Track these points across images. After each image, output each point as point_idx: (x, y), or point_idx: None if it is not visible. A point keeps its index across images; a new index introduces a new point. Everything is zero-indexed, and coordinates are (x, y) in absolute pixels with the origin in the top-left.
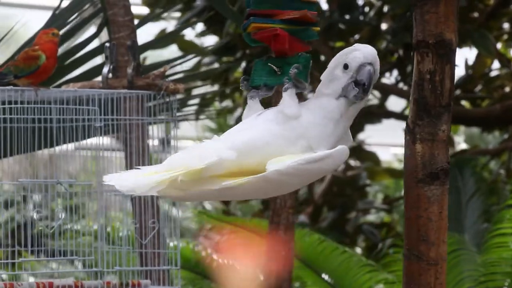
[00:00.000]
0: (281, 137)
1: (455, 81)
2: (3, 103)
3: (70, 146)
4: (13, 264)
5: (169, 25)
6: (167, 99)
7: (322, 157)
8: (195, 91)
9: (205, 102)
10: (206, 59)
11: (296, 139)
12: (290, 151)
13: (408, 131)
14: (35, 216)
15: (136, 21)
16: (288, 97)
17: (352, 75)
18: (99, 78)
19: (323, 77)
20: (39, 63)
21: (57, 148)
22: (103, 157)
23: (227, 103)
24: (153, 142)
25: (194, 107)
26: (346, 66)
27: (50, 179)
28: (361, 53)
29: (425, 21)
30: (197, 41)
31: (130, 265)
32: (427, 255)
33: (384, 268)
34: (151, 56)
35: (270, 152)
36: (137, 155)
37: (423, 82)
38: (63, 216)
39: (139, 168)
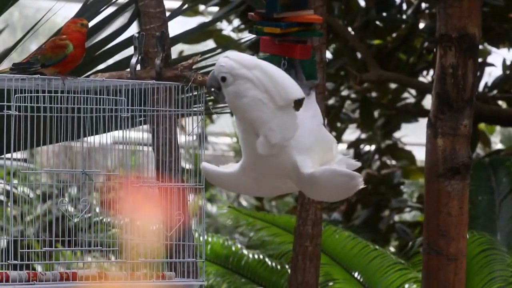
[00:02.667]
0: None
1: (492, 81)
2: (30, 91)
3: (107, 140)
4: (49, 257)
5: (207, 20)
6: (196, 92)
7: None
8: None
9: None
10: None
11: None
12: None
13: (430, 125)
14: (70, 209)
15: (168, 14)
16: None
17: None
18: (128, 69)
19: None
20: (67, 52)
21: (93, 142)
22: (138, 151)
23: None
24: (187, 137)
25: None
26: (223, 79)
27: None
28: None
29: (448, 15)
30: (235, 36)
31: (155, 257)
32: (446, 250)
33: (414, 267)
34: (189, 51)
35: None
36: (165, 147)
37: (445, 76)
38: (87, 207)
39: None
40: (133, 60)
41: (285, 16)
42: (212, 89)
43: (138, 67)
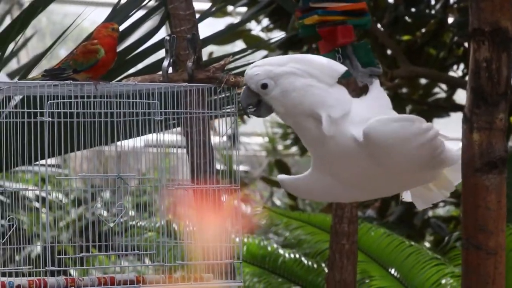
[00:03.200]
0: None
1: None
2: (63, 97)
3: (139, 143)
4: (82, 262)
5: (236, 21)
6: (228, 93)
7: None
8: None
9: None
10: (272, 54)
11: None
12: None
13: (465, 120)
14: (104, 213)
15: (198, 16)
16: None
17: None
18: (160, 72)
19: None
20: (98, 57)
21: (126, 146)
22: (172, 154)
23: None
24: (220, 138)
25: None
26: (264, 86)
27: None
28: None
29: (481, 9)
30: (264, 36)
31: (192, 259)
32: (485, 244)
33: (451, 262)
34: (218, 52)
35: None
36: (199, 149)
37: (479, 70)
38: (126, 208)
39: None
40: (165, 63)
41: (325, 6)
42: (250, 107)
43: (170, 70)
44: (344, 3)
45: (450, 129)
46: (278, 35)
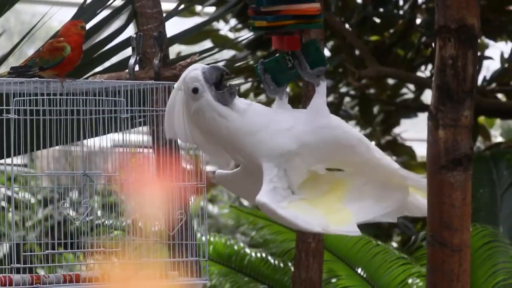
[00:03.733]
0: None
1: (491, 75)
2: (29, 95)
3: (106, 143)
4: (49, 259)
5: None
6: None
7: None
8: None
9: (239, 96)
10: (240, 54)
11: None
12: None
13: (431, 117)
14: (71, 213)
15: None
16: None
17: (209, 86)
18: (126, 70)
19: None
20: (64, 54)
21: (93, 145)
22: (137, 154)
23: (262, 97)
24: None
25: None
26: (195, 90)
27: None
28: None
29: (447, 6)
30: (232, 36)
31: (158, 257)
32: (450, 241)
33: (417, 261)
34: (186, 52)
35: None
36: (165, 147)
37: (445, 68)
38: (93, 207)
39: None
40: (131, 61)
41: (278, 9)
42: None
43: (137, 67)
44: (297, 4)
45: (418, 130)
46: (245, 34)
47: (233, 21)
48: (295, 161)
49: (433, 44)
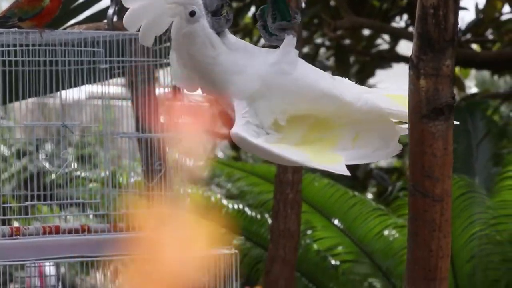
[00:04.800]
0: None
1: (465, 25)
2: (8, 45)
3: (82, 95)
4: (26, 213)
5: None
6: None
7: None
8: None
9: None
10: None
11: None
12: None
13: (412, 66)
14: (47, 165)
15: None
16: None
17: (207, 13)
18: (105, 21)
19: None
20: (43, 4)
21: (69, 97)
22: (114, 106)
23: None
24: (164, 89)
25: None
26: (192, 14)
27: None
28: None
29: None
30: None
31: (137, 209)
32: (432, 191)
33: (393, 212)
34: None
35: None
36: (144, 98)
37: (426, 16)
38: (70, 160)
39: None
40: (110, 11)
41: None
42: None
43: (115, 18)
44: None
45: (392, 80)
46: None
47: None
48: (261, 102)
49: None
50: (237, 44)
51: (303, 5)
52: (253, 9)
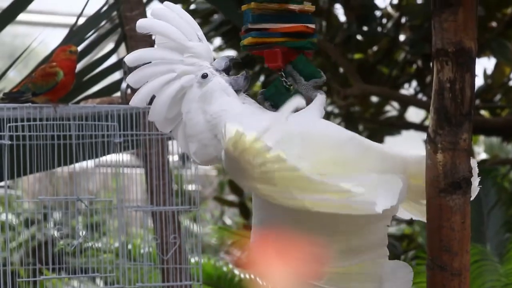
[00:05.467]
0: None
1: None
2: (22, 120)
3: (90, 163)
4: (35, 282)
5: None
6: None
7: None
8: None
9: None
10: None
11: None
12: None
13: (429, 141)
14: (56, 234)
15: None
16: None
17: (220, 73)
18: (118, 94)
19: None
20: (57, 79)
21: (77, 166)
22: (123, 174)
23: None
24: (173, 158)
25: None
26: (204, 76)
27: (70, 196)
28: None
29: (444, 29)
30: (217, 55)
31: (152, 282)
32: (450, 265)
33: None
34: None
35: None
36: (157, 171)
37: (443, 91)
38: (83, 234)
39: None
40: (123, 85)
41: (266, 27)
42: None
43: (129, 91)
44: (284, 24)
45: (401, 147)
46: (230, 54)
47: (218, 41)
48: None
49: (418, 62)
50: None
51: None
52: (262, 78)
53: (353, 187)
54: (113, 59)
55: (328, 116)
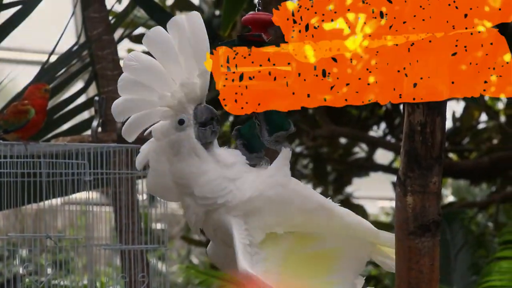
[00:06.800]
0: None
1: None
2: None
3: (58, 200)
4: None
5: None
6: None
7: None
8: None
9: None
10: None
11: None
12: None
13: (399, 183)
14: (21, 271)
15: None
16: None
17: (195, 123)
18: (88, 132)
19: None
20: (29, 117)
21: (45, 203)
22: (92, 212)
23: None
24: (142, 197)
25: None
26: (181, 122)
27: (39, 233)
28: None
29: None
30: None
31: None
32: None
33: None
34: None
35: None
36: (126, 209)
37: (414, 134)
38: (51, 272)
39: None
40: (94, 124)
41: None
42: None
43: (99, 129)
44: None
45: (369, 189)
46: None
47: None
48: (255, 218)
49: (386, 104)
50: (224, 158)
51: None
52: (231, 118)
53: None
54: (82, 98)
55: (297, 157)
